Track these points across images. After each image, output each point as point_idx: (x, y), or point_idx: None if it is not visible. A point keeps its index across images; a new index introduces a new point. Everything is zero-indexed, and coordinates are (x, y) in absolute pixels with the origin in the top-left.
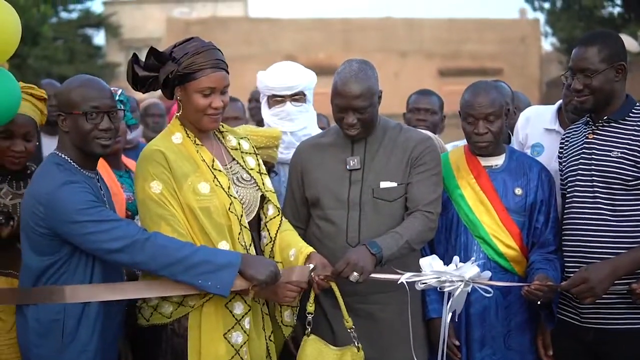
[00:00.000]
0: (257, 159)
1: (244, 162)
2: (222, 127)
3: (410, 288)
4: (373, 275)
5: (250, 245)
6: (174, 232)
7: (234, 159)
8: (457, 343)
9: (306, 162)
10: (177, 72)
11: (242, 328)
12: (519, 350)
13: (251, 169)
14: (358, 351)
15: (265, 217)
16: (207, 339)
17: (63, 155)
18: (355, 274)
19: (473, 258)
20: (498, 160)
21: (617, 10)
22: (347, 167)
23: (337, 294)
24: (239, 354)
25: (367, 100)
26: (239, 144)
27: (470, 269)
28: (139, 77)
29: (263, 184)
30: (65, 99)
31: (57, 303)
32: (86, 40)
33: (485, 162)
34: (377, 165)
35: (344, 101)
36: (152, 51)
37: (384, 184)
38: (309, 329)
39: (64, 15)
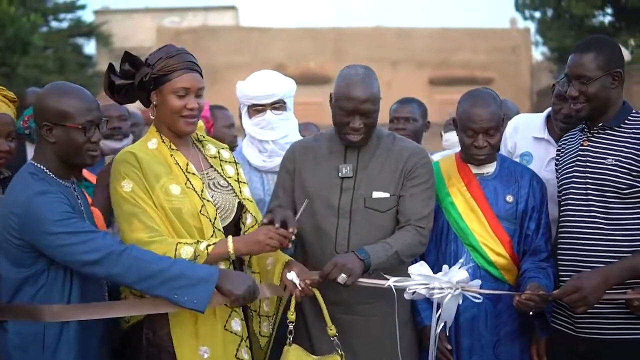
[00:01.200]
0: (237, 169)
1: (222, 170)
2: (203, 137)
3: (399, 297)
4: (360, 279)
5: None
6: (146, 228)
7: (211, 167)
8: (449, 347)
9: (299, 164)
10: (152, 75)
11: (238, 315)
12: (509, 359)
13: (229, 177)
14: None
15: (244, 227)
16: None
17: (39, 165)
18: (343, 275)
19: (462, 260)
20: (489, 168)
21: (608, 19)
22: (340, 174)
23: (320, 300)
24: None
25: (374, 104)
26: (219, 152)
27: (459, 273)
28: (116, 85)
29: (240, 191)
30: (53, 108)
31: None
32: (77, 50)
33: (476, 169)
34: (369, 175)
35: (352, 104)
36: (127, 56)
37: (376, 194)
38: (291, 338)
39: (54, 24)
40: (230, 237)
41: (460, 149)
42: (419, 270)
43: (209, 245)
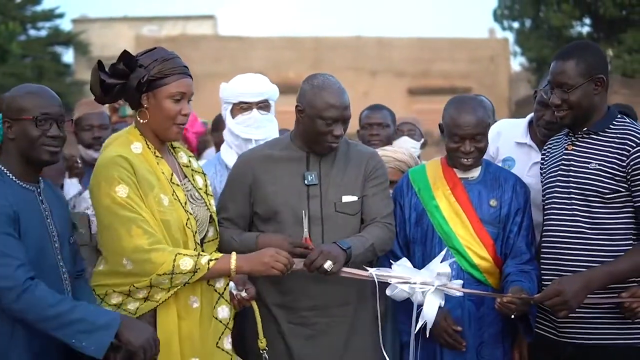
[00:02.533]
0: (205, 179)
1: (194, 180)
2: (173, 143)
3: (380, 290)
4: (343, 269)
5: (209, 253)
6: (145, 233)
7: (185, 176)
8: (459, 329)
9: (259, 174)
10: (149, 77)
11: (230, 330)
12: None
13: (199, 189)
14: None
15: (206, 238)
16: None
17: (1, 166)
18: (329, 262)
19: (442, 253)
20: (474, 173)
21: (586, 29)
22: (305, 182)
23: (257, 313)
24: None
25: (350, 112)
26: (189, 161)
27: (440, 266)
28: (106, 83)
29: (210, 204)
30: (13, 104)
31: None
32: (55, 58)
33: (461, 174)
34: (335, 180)
35: (337, 112)
36: (125, 55)
37: (345, 198)
38: None
39: (32, 32)
40: (234, 254)
41: (446, 154)
42: (403, 265)
43: (211, 260)
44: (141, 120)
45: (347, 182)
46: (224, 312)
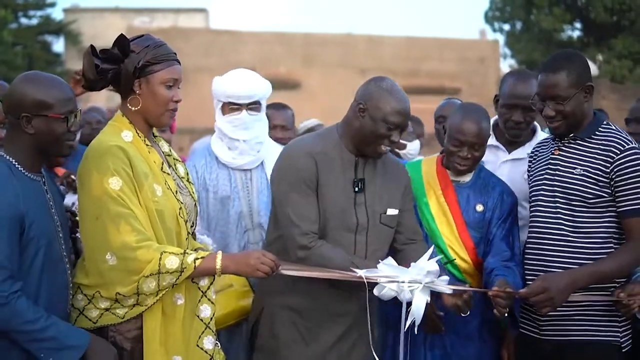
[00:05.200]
0: (185, 167)
1: (176, 169)
2: (154, 132)
3: (370, 291)
4: (333, 271)
5: (194, 251)
6: (133, 230)
7: (170, 165)
8: (440, 314)
9: (322, 172)
10: (144, 63)
11: (211, 333)
12: (468, 355)
13: (182, 177)
14: None
15: (194, 226)
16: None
17: (9, 158)
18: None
19: (430, 251)
20: (466, 177)
21: (576, 34)
22: (356, 188)
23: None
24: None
25: None
26: (170, 150)
27: (428, 264)
28: (100, 68)
29: (192, 192)
30: (32, 98)
31: None
32: (45, 47)
33: (453, 176)
34: (378, 190)
35: (401, 119)
36: (122, 39)
37: (390, 211)
38: None
39: (23, 21)
40: (219, 253)
41: (444, 154)
42: (389, 264)
43: (197, 258)
44: (133, 108)
45: (390, 194)
46: (206, 311)
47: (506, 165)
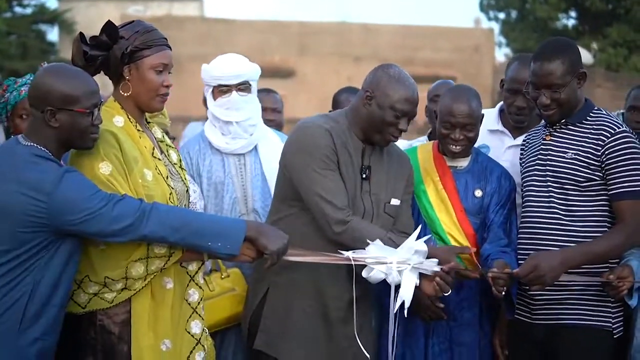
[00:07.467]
0: (178, 154)
1: (168, 155)
2: (147, 118)
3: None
4: (321, 254)
5: None
6: None
7: (162, 152)
8: (441, 305)
9: (339, 154)
10: (133, 48)
11: (199, 315)
12: (467, 343)
13: (175, 164)
14: None
15: None
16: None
17: (42, 148)
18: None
19: (417, 231)
20: (463, 162)
21: (571, 22)
22: (363, 175)
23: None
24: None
25: None
26: (163, 136)
27: (417, 244)
28: (89, 55)
29: (185, 178)
30: (58, 92)
31: None
32: (40, 36)
33: (450, 162)
34: (383, 179)
35: (409, 107)
36: (109, 26)
37: (394, 201)
38: None
39: (18, 10)
40: None
41: (438, 140)
42: (377, 244)
43: None
44: (124, 94)
45: (394, 183)
46: (194, 295)
47: (511, 150)
